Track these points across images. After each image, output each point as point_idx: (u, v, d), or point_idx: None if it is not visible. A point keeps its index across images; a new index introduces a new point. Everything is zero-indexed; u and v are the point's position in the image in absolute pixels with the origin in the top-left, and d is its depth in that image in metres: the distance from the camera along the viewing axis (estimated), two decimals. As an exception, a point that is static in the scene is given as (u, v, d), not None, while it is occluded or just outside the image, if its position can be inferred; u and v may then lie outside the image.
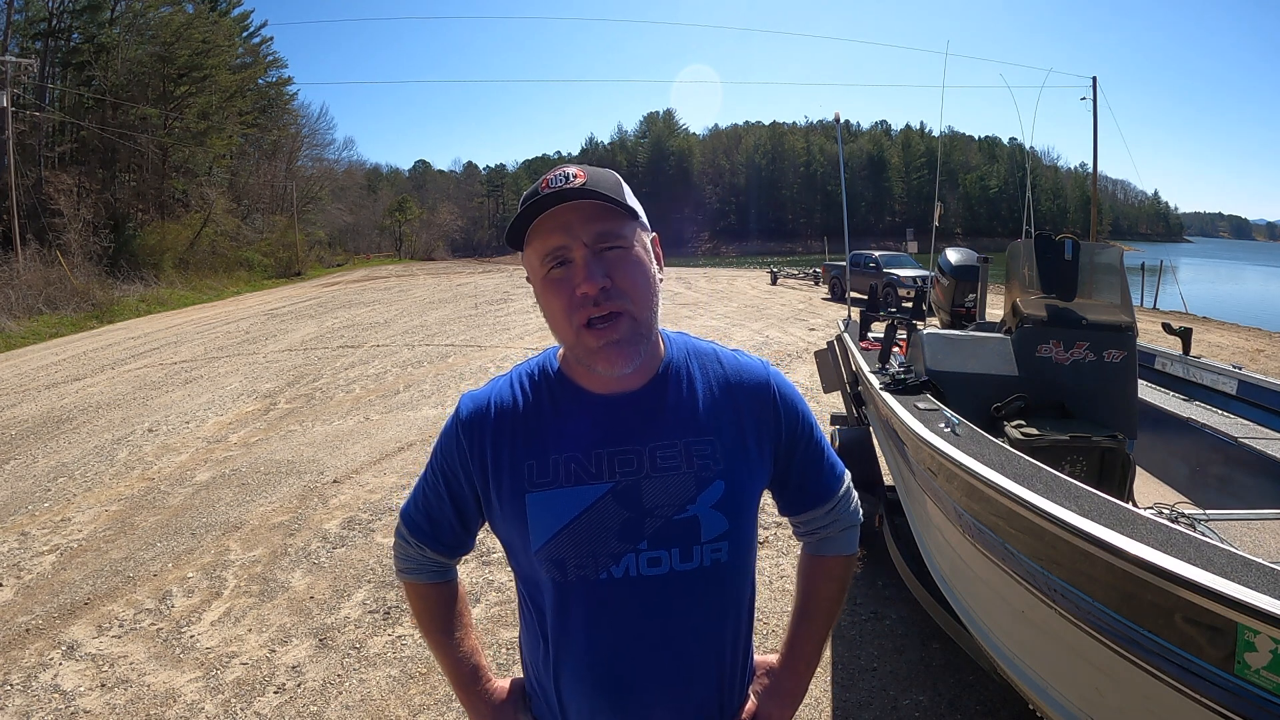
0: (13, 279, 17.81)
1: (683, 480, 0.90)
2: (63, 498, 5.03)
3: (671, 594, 0.90)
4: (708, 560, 0.91)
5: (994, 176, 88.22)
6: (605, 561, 0.88)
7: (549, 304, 0.87)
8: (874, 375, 3.08)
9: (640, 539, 0.88)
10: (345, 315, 15.78)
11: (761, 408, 0.97)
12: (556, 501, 0.89)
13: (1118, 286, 3.19)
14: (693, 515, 0.89)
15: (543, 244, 0.85)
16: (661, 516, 0.89)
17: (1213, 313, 15.93)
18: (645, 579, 0.89)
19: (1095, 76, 18.39)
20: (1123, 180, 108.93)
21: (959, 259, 4.75)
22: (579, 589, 0.89)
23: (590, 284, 0.83)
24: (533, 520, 0.89)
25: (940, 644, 2.90)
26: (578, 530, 0.88)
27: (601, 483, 0.89)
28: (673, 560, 0.89)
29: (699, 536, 0.90)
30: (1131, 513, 1.39)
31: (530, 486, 0.90)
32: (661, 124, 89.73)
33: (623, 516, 0.88)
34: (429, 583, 1.05)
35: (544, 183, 0.86)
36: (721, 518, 0.91)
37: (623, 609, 0.89)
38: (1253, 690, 1.08)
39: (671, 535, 0.89)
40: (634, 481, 0.89)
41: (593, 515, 0.88)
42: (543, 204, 0.83)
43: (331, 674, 2.87)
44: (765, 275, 23.92)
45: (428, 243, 64.36)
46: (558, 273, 0.85)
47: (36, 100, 24.52)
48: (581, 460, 0.89)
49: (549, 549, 0.89)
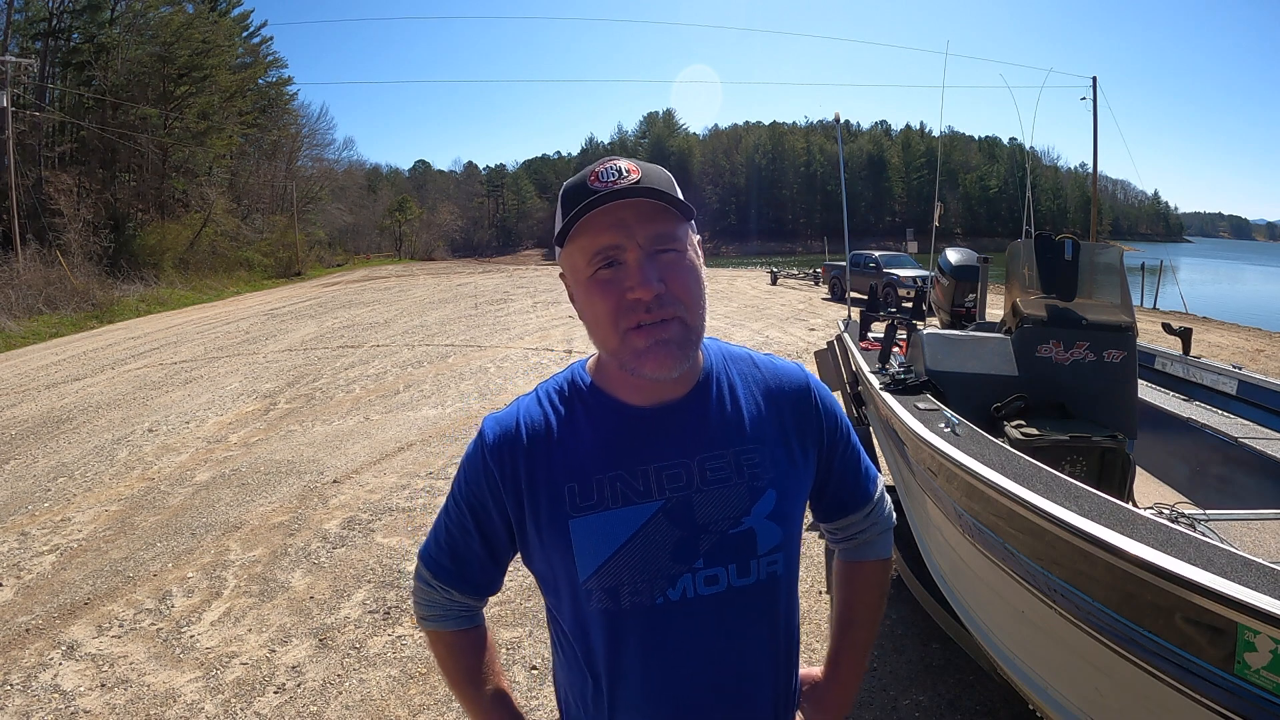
0: (13, 279, 17.80)
1: (735, 492, 0.85)
2: (63, 498, 5.03)
3: (730, 612, 0.86)
4: (764, 574, 0.87)
5: (994, 176, 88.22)
6: (661, 585, 0.83)
7: (593, 306, 0.81)
8: (874, 375, 3.08)
9: (696, 557, 0.84)
10: (345, 315, 15.78)
11: (804, 412, 0.93)
12: (604, 525, 0.83)
13: (1118, 286, 3.19)
14: (748, 528, 0.85)
15: (592, 242, 0.79)
16: (716, 532, 0.84)
17: (1213, 313, 15.93)
18: (703, 599, 0.84)
19: (1095, 76, 18.40)
20: (1123, 180, 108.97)
21: (959, 259, 4.75)
22: (634, 617, 0.83)
23: (646, 289, 0.78)
24: (579, 548, 0.83)
25: (940, 644, 2.89)
26: (630, 554, 0.82)
27: (651, 501, 0.83)
28: (730, 577, 0.85)
29: (755, 550, 0.86)
30: (1131, 513, 1.39)
31: (573, 511, 0.83)
32: (661, 124, 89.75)
33: (676, 535, 0.83)
34: (456, 630, 0.95)
35: (593, 176, 0.80)
36: (776, 528, 0.87)
37: (682, 633, 0.84)
38: (1253, 690, 1.08)
39: (728, 551, 0.85)
40: (685, 497, 0.84)
41: (645, 537, 0.82)
42: (599, 200, 0.77)
43: (331, 674, 2.87)
44: (765, 275, 23.93)
45: (428, 243, 64.39)
46: (606, 274, 0.79)
47: (36, 100, 24.52)
48: (628, 479, 0.84)
49: (600, 577, 0.82)
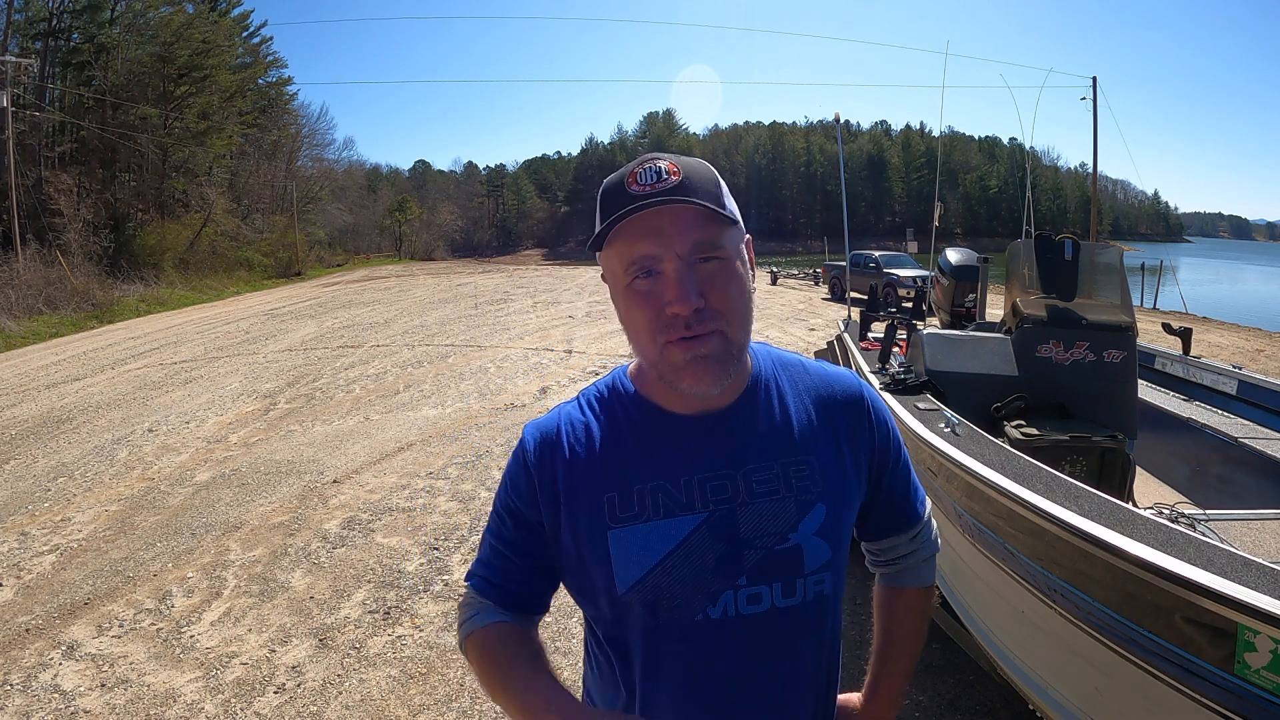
0: (13, 279, 17.80)
1: (783, 506, 0.81)
2: (63, 498, 5.03)
3: (774, 634, 0.81)
4: (811, 594, 0.82)
5: (994, 176, 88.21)
6: (702, 601, 0.79)
7: (631, 317, 0.77)
8: (874, 375, 3.09)
9: (739, 574, 0.79)
10: (345, 315, 15.78)
11: (856, 422, 0.88)
12: (645, 537, 0.79)
13: (1118, 286, 3.19)
14: (795, 544, 0.81)
15: (628, 249, 0.74)
16: (762, 548, 0.80)
17: (1213, 313, 15.94)
18: (745, 618, 0.80)
19: (1095, 76, 18.38)
20: (1123, 180, 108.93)
21: (959, 259, 4.76)
22: (672, 633, 0.80)
23: (683, 304, 0.73)
24: (618, 559, 0.79)
25: (940, 644, 2.89)
26: (671, 568, 0.79)
27: (694, 513, 0.79)
28: (774, 596, 0.80)
29: (803, 568, 0.81)
30: (1131, 513, 1.39)
31: (613, 521, 0.80)
32: (661, 124, 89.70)
33: (719, 550, 0.79)
34: (500, 621, 0.87)
35: (631, 177, 0.75)
36: (825, 545, 0.82)
37: (721, 653, 0.80)
38: (1253, 690, 1.08)
39: (773, 568, 0.80)
40: (729, 510, 0.80)
41: (687, 550, 0.79)
42: (634, 209, 0.73)
43: (331, 674, 2.87)
44: (765, 275, 23.92)
45: (428, 243, 64.35)
46: (643, 284, 0.75)
47: (36, 100, 24.52)
48: (670, 489, 0.80)
49: (639, 591, 0.79)
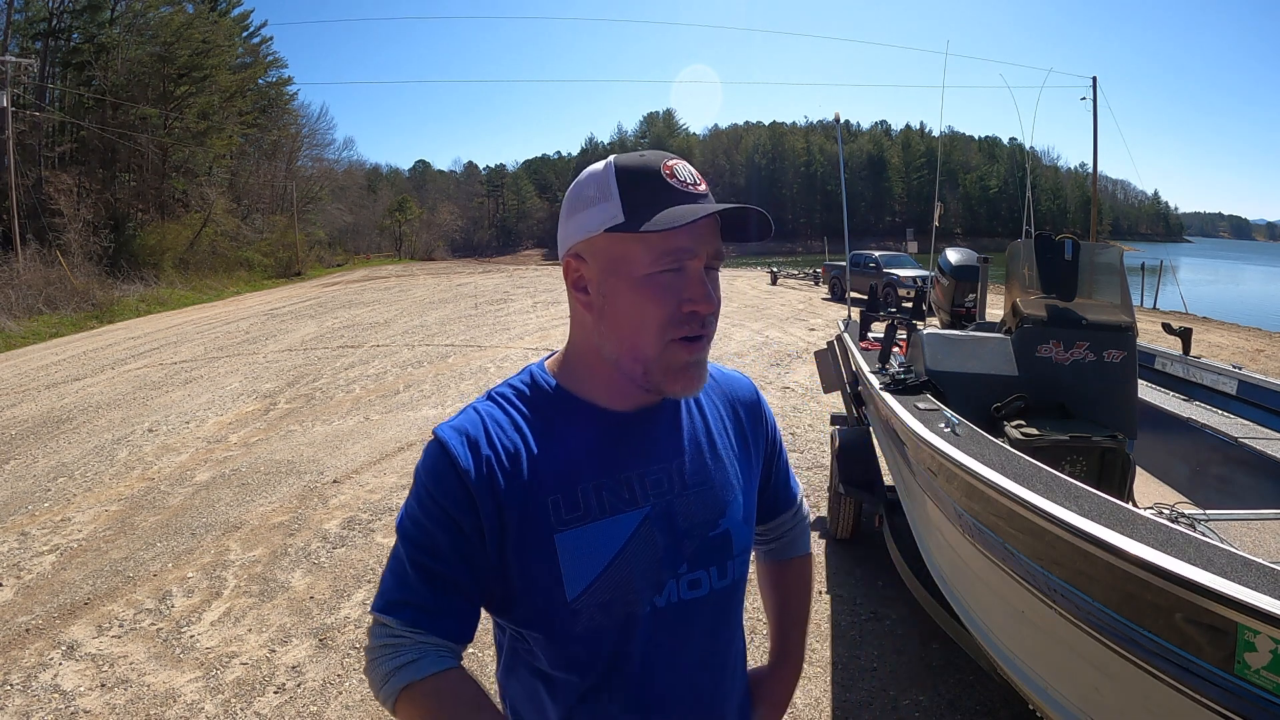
0: (13, 279, 17.80)
1: (712, 495, 0.86)
2: (63, 498, 5.03)
3: (712, 614, 0.86)
4: (738, 574, 0.88)
5: (994, 176, 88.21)
6: (649, 593, 0.81)
7: (644, 307, 0.76)
8: (874, 375, 3.09)
9: (681, 562, 0.83)
10: (345, 315, 15.78)
11: (756, 418, 0.96)
12: (594, 537, 0.78)
13: (1118, 286, 3.19)
14: (725, 530, 0.86)
15: (664, 240, 0.75)
16: (698, 536, 0.84)
17: (1213, 313, 15.94)
18: (687, 603, 0.83)
19: (1095, 76, 18.42)
20: (1123, 180, 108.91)
21: (959, 259, 4.76)
22: (625, 628, 0.80)
23: (709, 304, 0.77)
24: (566, 564, 0.77)
25: (940, 644, 2.89)
26: (623, 565, 0.79)
27: (638, 509, 0.81)
28: (712, 580, 0.85)
29: (732, 551, 0.87)
30: (1131, 513, 1.39)
31: (559, 525, 0.77)
32: (661, 124, 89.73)
33: (663, 541, 0.82)
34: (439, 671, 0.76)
35: (668, 171, 0.77)
36: (746, 530, 0.90)
37: (669, 640, 0.83)
38: (1253, 690, 1.08)
39: (709, 554, 0.85)
40: (668, 502, 0.83)
41: (635, 545, 0.80)
42: (687, 201, 0.76)
43: (331, 674, 2.87)
44: (765, 275, 23.92)
45: (428, 243, 64.36)
46: (667, 278, 0.76)
47: (36, 100, 24.52)
48: (613, 486, 0.80)
49: (593, 593, 0.78)
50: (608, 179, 0.77)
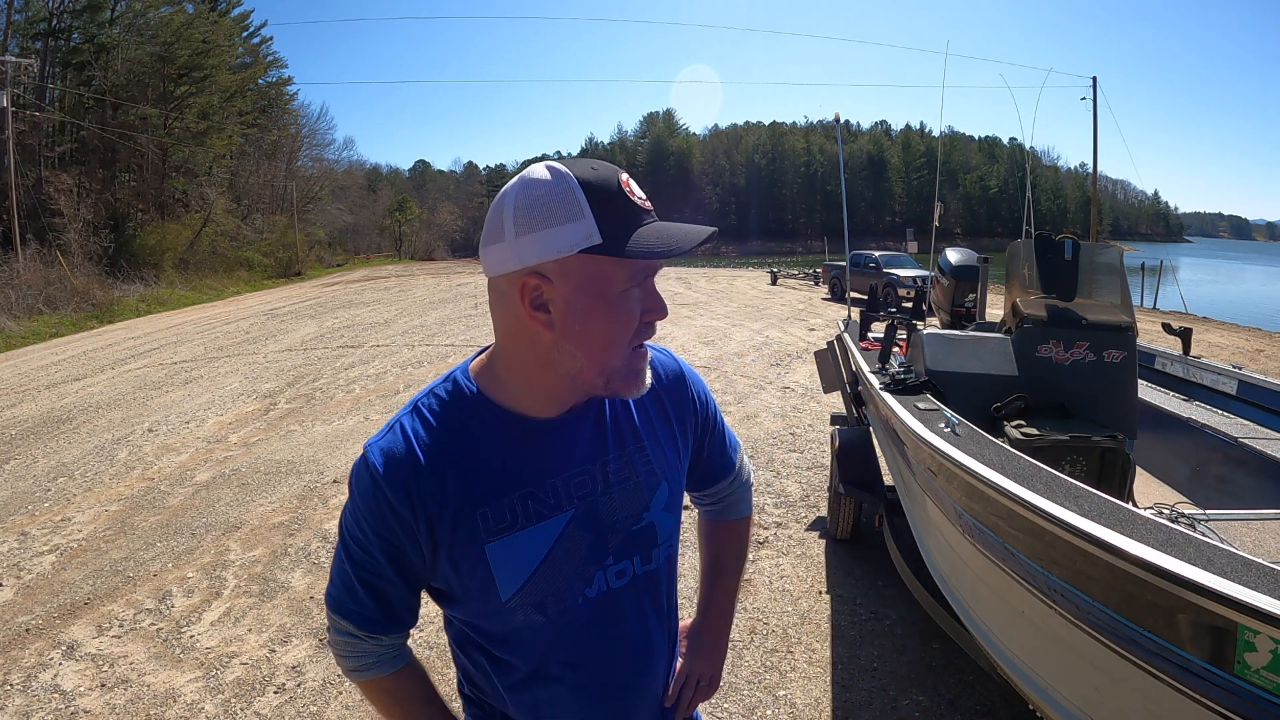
0: (13, 279, 17.80)
1: (635, 490, 0.90)
2: (63, 498, 5.03)
3: (637, 597, 0.92)
4: (663, 558, 0.95)
5: (994, 176, 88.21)
6: (579, 586, 0.87)
7: (613, 325, 0.78)
8: (874, 375, 3.08)
9: (606, 555, 0.88)
10: (345, 315, 15.78)
11: (682, 400, 0.98)
12: (522, 544, 0.83)
13: (1118, 286, 3.19)
14: (649, 522, 0.91)
15: (639, 260, 0.78)
16: (623, 530, 0.89)
17: (1213, 313, 15.95)
18: (614, 591, 0.90)
19: (1095, 76, 18.43)
20: (1123, 180, 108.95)
21: (959, 259, 4.76)
22: (559, 622, 0.87)
23: (664, 312, 0.83)
24: (499, 570, 0.82)
25: (940, 644, 2.89)
26: (550, 567, 0.84)
27: (563, 512, 0.85)
28: (635, 567, 0.91)
29: (656, 539, 0.92)
30: (1131, 513, 1.39)
31: (488, 536, 0.82)
32: (661, 124, 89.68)
33: (589, 540, 0.87)
34: (395, 671, 0.93)
35: (627, 188, 0.77)
36: (670, 517, 0.94)
37: (602, 624, 0.90)
38: (1253, 690, 1.08)
39: (633, 545, 0.90)
40: (592, 502, 0.87)
41: (561, 547, 0.85)
42: (645, 218, 0.78)
43: (331, 674, 2.87)
44: (765, 275, 23.92)
45: (428, 243, 64.34)
46: (635, 293, 0.80)
47: (36, 100, 24.52)
48: (539, 495, 0.84)
49: (524, 594, 0.84)
50: (573, 196, 0.74)
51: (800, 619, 3.16)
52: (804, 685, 2.71)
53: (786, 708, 2.59)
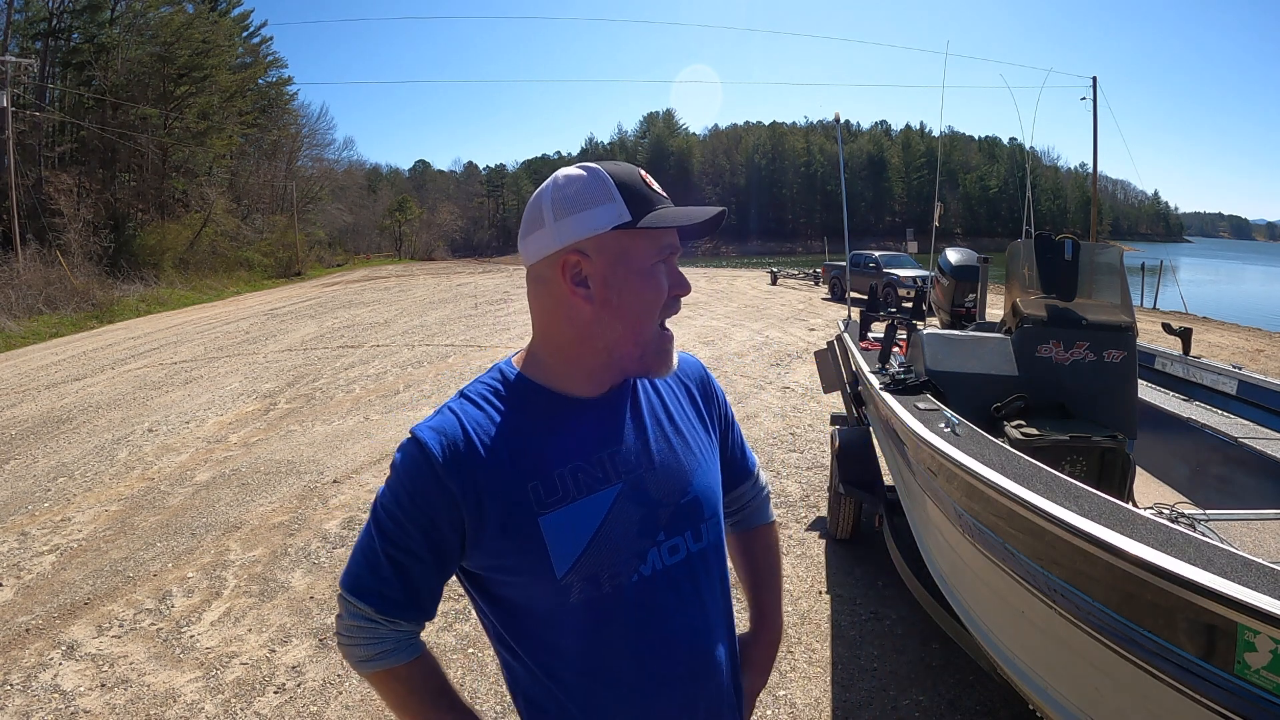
0: (13, 279, 17.80)
1: (678, 466, 0.93)
2: (63, 498, 5.03)
3: (694, 577, 0.93)
4: (713, 536, 0.96)
5: (994, 176, 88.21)
6: (634, 563, 0.88)
7: (645, 295, 0.87)
8: (874, 375, 3.08)
9: (658, 530, 0.90)
10: (345, 315, 15.78)
11: (706, 395, 1.04)
12: (574, 516, 0.85)
13: (1118, 286, 3.19)
14: (694, 496, 0.93)
15: (662, 236, 0.87)
16: (670, 504, 0.91)
17: (1213, 313, 15.94)
18: (669, 569, 0.90)
19: (1095, 76, 18.43)
20: (1123, 180, 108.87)
21: (959, 259, 4.75)
22: (615, 599, 0.86)
23: (688, 287, 0.91)
24: (552, 543, 0.84)
25: (940, 644, 2.89)
26: (603, 539, 0.86)
27: (611, 485, 0.88)
28: (688, 544, 0.92)
29: (703, 514, 0.94)
30: (1131, 513, 1.39)
31: (541, 508, 0.84)
32: (661, 124, 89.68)
33: (639, 514, 0.89)
34: (410, 661, 0.89)
35: (645, 181, 0.88)
36: (713, 495, 0.97)
37: (660, 605, 0.89)
38: (1253, 690, 1.08)
39: (683, 520, 0.92)
40: (639, 477, 0.89)
41: (614, 518, 0.87)
42: (663, 204, 0.88)
43: (331, 674, 2.87)
44: (765, 275, 23.92)
45: (428, 243, 64.36)
46: (660, 269, 0.88)
47: (36, 100, 24.52)
48: (587, 468, 0.87)
49: (581, 566, 0.84)
50: (605, 183, 0.85)
51: (800, 619, 3.16)
52: (804, 685, 2.71)
53: (786, 708, 2.59)
